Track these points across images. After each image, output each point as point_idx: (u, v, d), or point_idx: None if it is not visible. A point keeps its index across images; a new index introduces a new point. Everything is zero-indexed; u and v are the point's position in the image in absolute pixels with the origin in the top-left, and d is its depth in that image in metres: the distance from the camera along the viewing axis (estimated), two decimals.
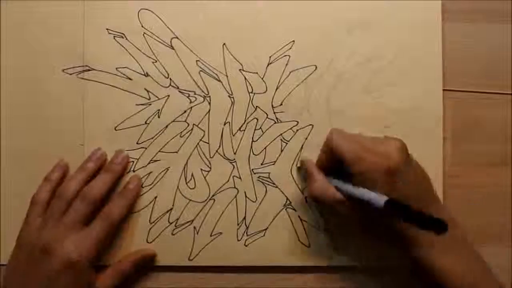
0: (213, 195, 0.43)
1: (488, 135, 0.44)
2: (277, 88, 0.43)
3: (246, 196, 0.43)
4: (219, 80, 0.43)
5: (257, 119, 0.43)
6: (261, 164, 0.43)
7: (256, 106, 0.43)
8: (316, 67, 0.43)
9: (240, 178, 0.43)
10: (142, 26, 0.43)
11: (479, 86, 0.44)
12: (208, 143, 0.43)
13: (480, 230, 0.44)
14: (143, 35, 0.43)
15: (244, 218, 0.43)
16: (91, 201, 0.40)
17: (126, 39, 0.43)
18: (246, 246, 0.43)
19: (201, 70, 0.43)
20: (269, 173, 0.43)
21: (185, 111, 0.43)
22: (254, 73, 0.43)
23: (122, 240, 0.43)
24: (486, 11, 0.44)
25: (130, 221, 0.43)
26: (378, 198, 0.33)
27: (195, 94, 0.43)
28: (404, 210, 0.32)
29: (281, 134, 0.43)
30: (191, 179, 0.43)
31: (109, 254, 0.43)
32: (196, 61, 0.43)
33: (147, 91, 0.43)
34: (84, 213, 0.40)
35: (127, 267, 0.41)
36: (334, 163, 0.38)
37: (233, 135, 0.43)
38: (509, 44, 0.44)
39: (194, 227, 0.43)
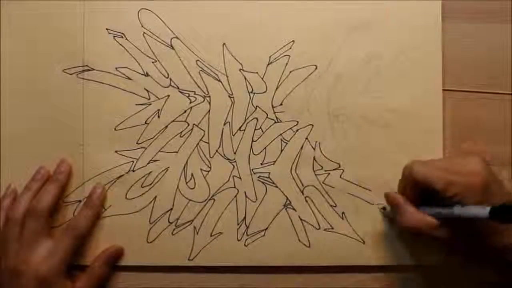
0: (213, 195, 0.43)
1: (488, 135, 0.44)
2: (277, 88, 0.43)
3: (246, 196, 0.43)
4: (219, 80, 0.43)
5: (257, 119, 0.43)
6: (261, 164, 0.43)
7: (256, 106, 0.43)
8: (316, 67, 0.43)
9: (240, 178, 0.43)
10: (142, 26, 0.43)
11: (479, 86, 0.44)
12: (208, 143, 0.43)
13: None
14: (143, 35, 0.43)
15: (244, 218, 0.43)
16: (40, 214, 0.40)
17: (126, 39, 0.43)
18: (246, 246, 0.43)
19: (201, 70, 0.43)
20: (269, 173, 0.43)
21: (185, 111, 0.43)
22: (254, 73, 0.43)
23: (121, 240, 0.43)
24: (486, 11, 0.44)
25: (130, 221, 0.43)
26: (481, 209, 0.34)
27: (195, 94, 0.43)
28: (510, 211, 0.33)
29: (281, 134, 0.43)
30: (191, 179, 0.43)
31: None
32: (196, 61, 0.43)
33: (147, 91, 0.43)
34: (37, 228, 0.40)
35: (101, 269, 0.42)
36: (419, 194, 0.38)
37: (233, 135, 0.43)
38: (509, 44, 0.44)
39: (194, 227, 0.43)
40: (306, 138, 0.43)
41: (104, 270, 0.42)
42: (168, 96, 0.43)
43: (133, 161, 0.43)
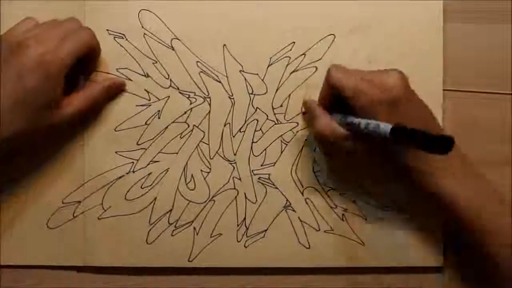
0: (213, 196, 0.43)
1: (488, 135, 0.44)
2: (277, 89, 0.43)
3: (246, 197, 0.43)
4: (219, 81, 0.43)
5: (257, 120, 0.43)
6: (261, 165, 0.43)
7: (256, 107, 0.43)
8: (316, 69, 0.43)
9: (240, 179, 0.43)
10: (142, 27, 0.43)
11: (479, 86, 0.44)
12: (208, 144, 0.43)
13: None
14: (144, 35, 0.43)
15: (244, 219, 0.43)
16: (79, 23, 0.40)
17: (127, 39, 0.43)
18: (246, 247, 0.43)
19: (201, 71, 0.43)
20: (269, 174, 0.43)
21: (185, 112, 0.43)
22: (255, 74, 0.43)
23: (121, 241, 0.43)
24: (486, 11, 0.44)
25: (129, 222, 0.43)
26: (383, 126, 0.33)
27: (195, 95, 0.43)
28: (410, 134, 0.31)
29: (281, 135, 0.43)
30: (191, 180, 0.43)
31: (107, 255, 0.43)
32: (197, 62, 0.43)
33: (147, 92, 0.43)
34: (71, 30, 0.39)
35: (99, 94, 0.41)
36: (335, 99, 0.38)
37: (233, 136, 0.43)
38: (509, 44, 0.44)
39: (194, 228, 0.43)
40: (306, 140, 0.43)
41: (102, 96, 0.41)
42: (169, 97, 0.43)
43: (133, 162, 0.43)
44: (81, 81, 0.42)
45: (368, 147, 0.37)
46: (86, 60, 0.41)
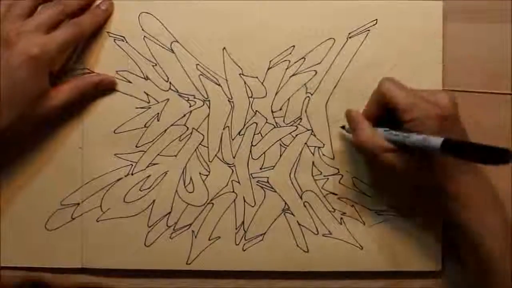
0: (211, 199, 0.43)
1: (488, 135, 0.44)
2: (276, 93, 0.43)
3: (244, 201, 0.43)
4: (219, 84, 0.43)
5: (257, 124, 0.43)
6: (260, 168, 0.43)
7: (256, 111, 0.43)
8: (315, 72, 0.43)
9: (239, 182, 0.43)
10: (142, 30, 0.43)
11: (479, 86, 0.44)
12: (207, 147, 0.43)
13: None
14: (144, 38, 0.43)
15: (243, 222, 0.43)
16: (64, 10, 0.39)
17: (127, 42, 0.43)
18: (244, 250, 0.43)
19: (201, 74, 0.43)
20: (268, 177, 0.43)
21: (184, 115, 0.43)
22: (254, 77, 0.43)
23: (119, 244, 0.43)
24: (486, 11, 0.44)
25: (128, 225, 0.43)
26: (434, 140, 0.33)
27: (194, 98, 0.43)
28: (461, 147, 0.32)
29: (280, 139, 0.43)
30: (189, 183, 0.43)
31: (106, 257, 0.42)
32: (196, 65, 0.43)
33: (147, 95, 0.43)
34: (53, 18, 0.39)
35: (87, 84, 0.41)
36: (383, 112, 0.39)
37: (232, 139, 0.43)
38: (509, 44, 0.44)
39: (192, 231, 0.43)
40: (305, 143, 0.43)
41: (90, 89, 0.41)
42: (168, 99, 0.43)
43: (132, 165, 0.43)
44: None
45: (408, 163, 0.37)
46: None
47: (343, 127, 0.43)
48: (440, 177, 0.37)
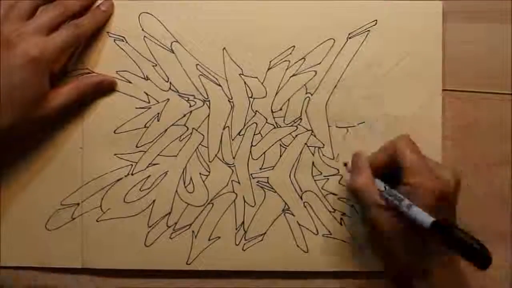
0: (211, 199, 0.43)
1: (488, 135, 0.44)
2: (276, 93, 0.43)
3: (244, 201, 0.43)
4: (219, 84, 0.43)
5: (257, 124, 0.43)
6: (260, 168, 0.43)
7: (256, 111, 0.43)
8: (315, 73, 0.43)
9: (239, 182, 0.43)
10: (142, 30, 0.43)
11: (479, 86, 0.44)
12: (207, 147, 0.43)
13: (480, 230, 0.43)
14: (144, 38, 0.43)
15: (243, 222, 0.43)
16: (64, 11, 0.39)
17: (127, 42, 0.43)
18: (244, 250, 0.43)
19: (201, 74, 0.43)
20: (268, 177, 0.43)
21: (184, 115, 0.43)
22: (254, 77, 0.43)
23: (119, 244, 0.43)
24: (486, 11, 0.44)
25: (128, 225, 0.43)
26: (426, 217, 0.33)
27: (194, 98, 0.43)
28: (450, 234, 0.31)
29: (280, 139, 0.43)
30: (189, 183, 0.43)
31: (106, 257, 0.43)
32: (196, 65, 0.43)
33: (147, 95, 0.43)
34: (53, 20, 0.39)
35: (87, 85, 0.41)
36: (388, 166, 0.38)
37: (232, 140, 0.43)
38: (509, 44, 0.44)
39: (192, 231, 0.43)
40: (305, 144, 0.43)
41: (90, 91, 0.41)
42: (168, 100, 0.43)
43: (132, 165, 0.43)
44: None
45: (395, 225, 0.36)
46: None
47: (345, 165, 0.42)
48: (425, 258, 0.36)
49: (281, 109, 0.43)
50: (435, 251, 0.36)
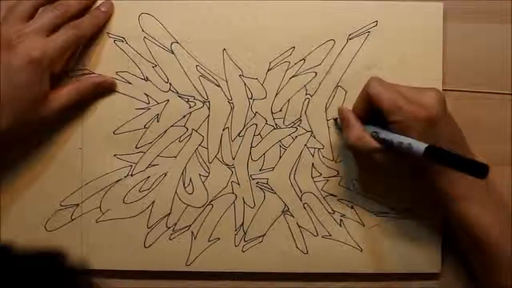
0: (211, 201, 0.43)
1: (488, 135, 0.44)
2: (276, 94, 0.43)
3: (244, 202, 0.43)
4: (219, 86, 0.43)
5: (256, 125, 0.43)
6: (260, 170, 0.43)
7: (256, 112, 0.43)
8: (316, 74, 0.43)
9: (238, 183, 0.43)
10: (142, 30, 0.43)
11: (479, 86, 0.44)
12: (207, 148, 0.43)
13: None
14: (143, 39, 0.43)
15: (242, 224, 0.43)
16: (64, 13, 0.39)
17: (126, 43, 0.43)
18: (243, 252, 0.43)
19: (201, 75, 0.43)
20: (267, 179, 0.43)
21: (184, 116, 0.43)
22: (254, 78, 0.43)
23: (119, 245, 0.43)
24: (486, 11, 0.44)
25: (127, 225, 0.43)
26: (418, 145, 0.33)
27: (194, 99, 0.43)
28: (444, 155, 0.32)
29: (280, 140, 0.43)
30: (189, 184, 0.43)
31: (105, 258, 0.43)
32: (196, 66, 0.43)
33: (147, 96, 0.43)
34: (53, 21, 0.39)
35: (87, 86, 0.41)
36: (371, 111, 0.38)
37: (232, 141, 0.43)
38: (509, 44, 0.44)
39: (192, 232, 0.43)
40: (305, 145, 0.43)
41: (90, 92, 0.41)
42: (168, 100, 0.43)
43: (131, 165, 0.43)
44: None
45: (399, 162, 0.37)
46: None
47: (335, 120, 0.43)
48: (436, 179, 0.37)
49: (281, 110, 0.43)
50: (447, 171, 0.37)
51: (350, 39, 0.43)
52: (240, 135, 0.43)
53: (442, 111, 0.37)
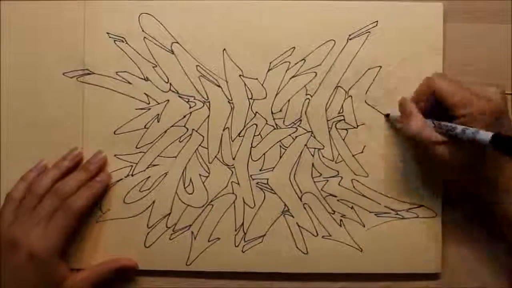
0: (211, 201, 0.43)
1: None
2: (276, 94, 0.43)
3: (244, 202, 0.43)
4: (219, 86, 0.43)
5: (257, 125, 0.43)
6: (260, 170, 0.43)
7: (256, 112, 0.43)
8: (316, 74, 0.43)
9: (238, 183, 0.43)
10: (142, 31, 0.43)
11: (479, 86, 0.44)
12: (207, 148, 0.43)
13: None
14: (144, 39, 0.43)
15: (242, 224, 0.43)
16: (61, 197, 0.40)
17: (127, 43, 0.43)
18: (243, 252, 0.43)
19: (201, 75, 0.43)
20: (267, 179, 0.43)
21: (184, 116, 0.43)
22: (254, 79, 0.43)
23: (119, 244, 0.43)
24: (486, 11, 0.44)
25: (127, 225, 0.43)
26: (485, 134, 0.34)
27: (194, 99, 0.43)
28: (511, 143, 0.33)
29: (280, 140, 0.43)
30: (189, 184, 0.43)
31: (105, 258, 0.43)
32: (196, 66, 0.43)
33: (147, 96, 0.43)
34: (53, 208, 0.40)
35: (105, 273, 0.42)
36: (431, 105, 0.39)
37: (232, 141, 0.43)
38: (509, 44, 0.44)
39: (192, 232, 0.43)
40: (305, 145, 0.43)
41: (110, 276, 0.42)
42: (168, 101, 0.43)
43: (132, 165, 0.43)
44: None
45: (460, 155, 0.37)
46: None
47: (387, 115, 0.42)
48: (491, 169, 0.38)
49: (281, 111, 0.43)
50: (503, 163, 0.38)
51: (350, 39, 0.43)
52: (240, 135, 0.43)
53: (505, 105, 0.38)
